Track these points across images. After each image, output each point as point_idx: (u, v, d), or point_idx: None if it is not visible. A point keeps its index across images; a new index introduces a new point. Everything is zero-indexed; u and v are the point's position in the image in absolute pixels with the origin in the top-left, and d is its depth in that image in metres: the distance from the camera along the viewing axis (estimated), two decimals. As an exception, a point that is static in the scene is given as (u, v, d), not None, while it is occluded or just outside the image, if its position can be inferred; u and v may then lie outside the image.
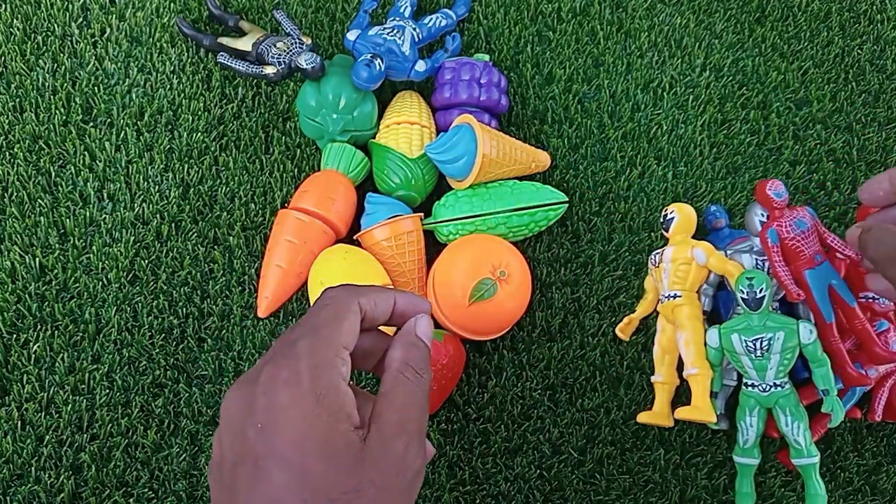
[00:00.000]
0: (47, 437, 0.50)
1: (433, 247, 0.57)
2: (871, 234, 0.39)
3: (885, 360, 0.53)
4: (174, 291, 0.55)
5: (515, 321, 0.55)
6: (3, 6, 0.61)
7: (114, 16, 0.62)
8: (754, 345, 0.50)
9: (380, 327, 0.32)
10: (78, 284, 0.54)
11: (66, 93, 0.59)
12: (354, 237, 0.56)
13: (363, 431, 0.26)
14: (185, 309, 0.54)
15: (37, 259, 0.54)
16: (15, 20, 0.60)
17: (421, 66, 0.58)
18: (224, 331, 0.54)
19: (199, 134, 0.59)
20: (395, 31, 0.58)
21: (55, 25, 0.61)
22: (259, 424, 0.25)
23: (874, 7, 0.70)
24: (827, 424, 0.53)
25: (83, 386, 0.52)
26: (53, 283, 0.54)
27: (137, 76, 0.60)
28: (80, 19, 0.62)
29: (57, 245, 0.55)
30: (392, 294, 0.31)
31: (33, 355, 0.52)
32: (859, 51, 0.68)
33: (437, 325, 0.55)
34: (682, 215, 0.55)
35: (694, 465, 0.55)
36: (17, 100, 0.58)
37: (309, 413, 0.25)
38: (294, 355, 0.26)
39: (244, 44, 0.59)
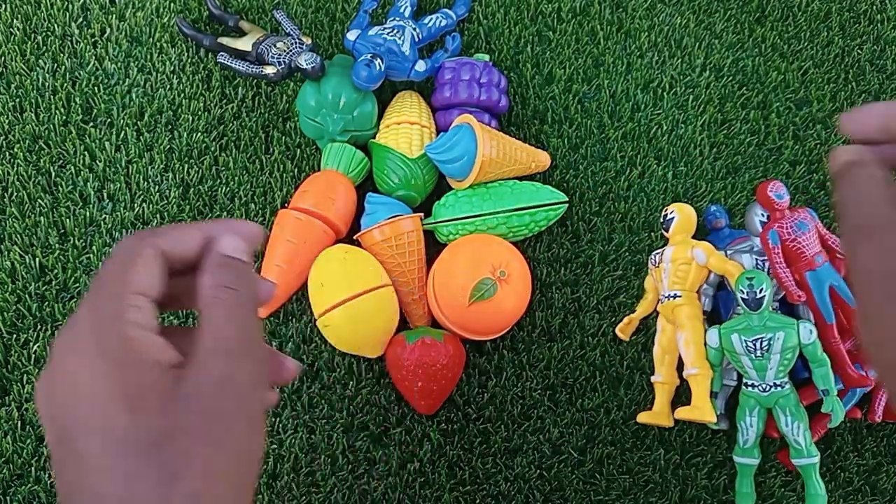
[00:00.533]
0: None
1: (433, 247, 0.57)
2: (849, 176, 0.30)
3: (885, 361, 0.53)
4: (174, 291, 0.55)
5: (515, 321, 0.55)
6: (3, 6, 0.61)
7: (114, 16, 0.62)
8: (754, 345, 0.50)
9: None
10: (78, 284, 0.54)
11: (66, 93, 0.59)
12: (354, 237, 0.56)
13: (176, 362, 0.25)
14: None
15: (37, 259, 0.54)
16: (15, 20, 0.60)
17: (421, 66, 0.58)
18: (224, 331, 0.54)
19: (199, 134, 0.59)
20: (395, 31, 0.58)
21: (55, 25, 0.61)
22: (61, 402, 0.24)
23: (874, 7, 0.70)
24: (827, 425, 0.53)
25: (83, 386, 0.52)
26: (53, 283, 0.54)
27: (137, 76, 0.60)
28: (80, 19, 0.62)
29: (57, 245, 0.55)
30: (197, 226, 0.29)
31: (33, 355, 0.52)
32: (859, 51, 0.68)
33: (437, 325, 0.56)
34: (682, 215, 0.55)
35: (694, 465, 0.55)
36: (17, 100, 0.58)
37: (100, 372, 0.24)
38: (74, 321, 0.25)
39: (244, 44, 0.58)
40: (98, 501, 0.23)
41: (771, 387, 0.51)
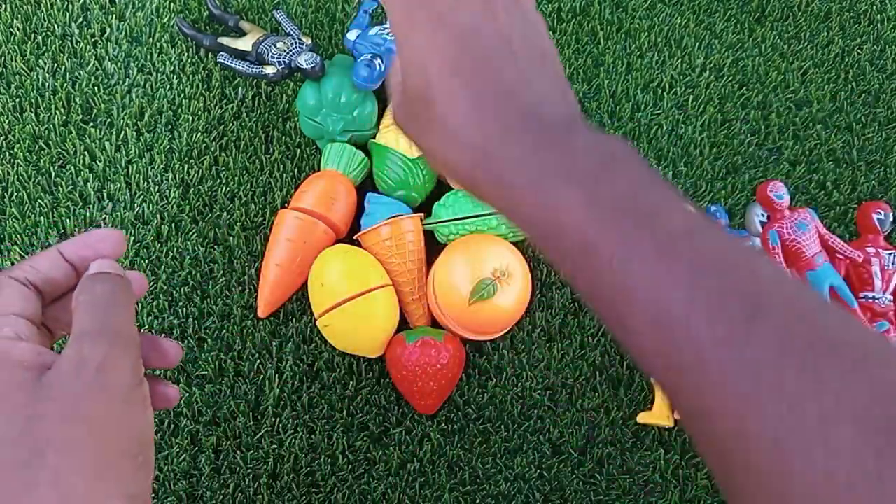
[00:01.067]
0: (47, 437, 0.50)
1: (433, 247, 0.57)
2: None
3: (885, 361, 0.53)
4: (174, 291, 0.55)
5: (515, 321, 0.55)
6: (3, 6, 0.61)
7: (114, 16, 0.62)
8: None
9: None
10: (78, 284, 0.54)
11: (66, 93, 0.59)
12: (354, 237, 0.56)
13: (41, 364, 0.26)
14: (185, 309, 0.54)
15: (37, 259, 0.54)
16: (15, 20, 0.60)
17: None
18: (224, 331, 0.54)
19: (199, 134, 0.59)
20: None
21: (55, 25, 0.61)
22: None
23: (874, 7, 0.70)
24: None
25: (83, 386, 0.52)
26: (53, 283, 0.54)
27: (137, 76, 0.60)
28: (80, 19, 0.62)
29: (57, 245, 0.55)
30: (54, 249, 0.30)
31: (33, 355, 0.52)
32: (859, 51, 0.68)
33: (437, 325, 0.56)
34: (682, 215, 0.55)
35: (694, 465, 0.55)
36: (17, 100, 0.58)
37: None
38: None
39: (244, 44, 0.58)
40: None
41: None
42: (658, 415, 0.53)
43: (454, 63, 0.26)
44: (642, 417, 0.53)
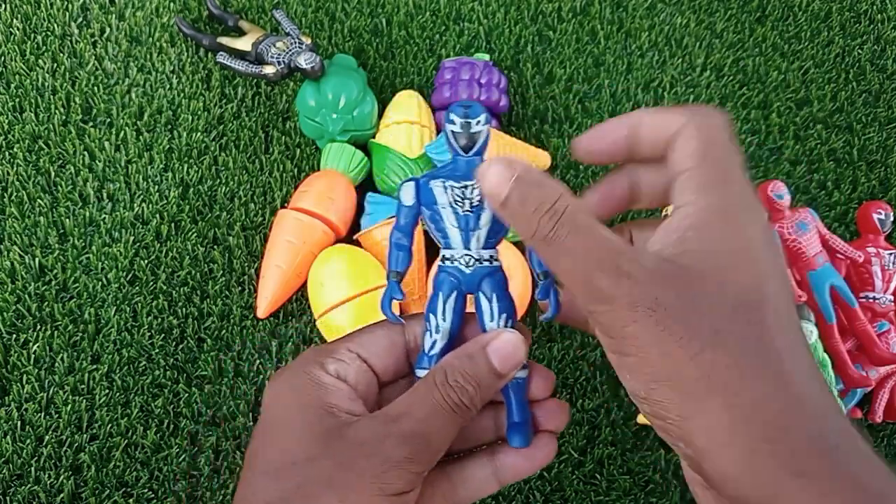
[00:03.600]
0: (47, 437, 0.50)
1: (433, 247, 0.57)
2: (520, 188, 0.24)
3: (886, 362, 0.53)
4: (174, 291, 0.55)
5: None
6: (3, 6, 0.61)
7: (113, 15, 0.62)
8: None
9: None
10: (77, 284, 0.54)
11: (66, 92, 0.59)
12: (354, 237, 0.56)
13: (350, 416, 0.26)
14: (184, 309, 0.54)
15: (36, 259, 0.54)
16: (15, 20, 0.60)
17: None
18: (224, 331, 0.54)
19: (199, 134, 0.59)
20: None
21: (55, 25, 0.61)
22: (266, 415, 0.27)
23: (874, 7, 0.70)
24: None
25: (83, 386, 0.51)
26: (53, 283, 0.54)
27: (137, 76, 0.60)
28: (80, 19, 0.61)
29: (56, 245, 0.55)
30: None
31: (33, 355, 0.52)
32: (860, 51, 0.68)
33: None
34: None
35: (694, 465, 0.55)
36: (17, 100, 0.58)
37: (278, 401, 0.27)
38: (295, 361, 0.28)
39: (244, 43, 0.58)
40: None
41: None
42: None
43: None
44: (643, 418, 0.53)
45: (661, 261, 0.23)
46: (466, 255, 0.28)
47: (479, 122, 0.28)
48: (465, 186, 0.27)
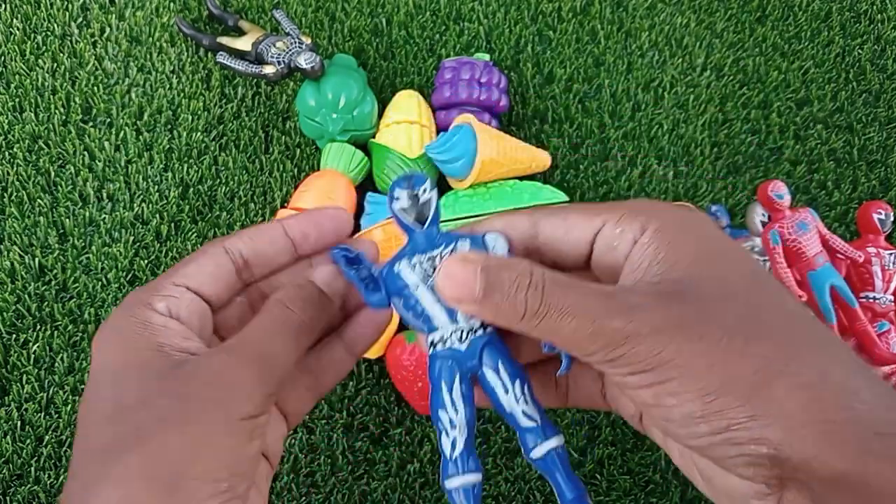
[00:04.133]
0: (47, 437, 0.50)
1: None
2: (490, 278, 0.23)
3: (886, 362, 0.53)
4: (174, 291, 0.54)
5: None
6: (3, 6, 0.61)
7: (113, 15, 0.62)
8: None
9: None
10: (77, 284, 0.54)
11: (66, 92, 0.59)
12: (354, 237, 0.56)
13: (186, 353, 0.25)
14: (184, 309, 0.54)
15: (36, 259, 0.54)
16: (15, 20, 0.60)
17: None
18: (224, 331, 0.54)
19: (199, 133, 0.59)
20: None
21: (55, 25, 0.61)
22: (95, 360, 0.26)
23: (875, 7, 0.70)
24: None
25: (83, 386, 0.51)
26: (53, 283, 0.54)
27: (137, 76, 0.60)
28: (80, 19, 0.61)
29: (56, 245, 0.55)
30: (277, 224, 0.28)
31: (33, 355, 0.52)
32: (860, 50, 0.68)
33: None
34: (682, 215, 0.55)
35: (694, 465, 0.55)
36: (17, 100, 0.58)
37: (103, 346, 0.26)
38: (120, 305, 0.27)
39: (244, 43, 0.58)
40: (72, 468, 0.24)
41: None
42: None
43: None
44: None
45: (656, 286, 0.22)
46: (457, 329, 0.26)
47: (424, 189, 0.27)
48: (433, 257, 0.26)
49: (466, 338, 0.25)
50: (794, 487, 0.21)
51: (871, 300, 0.56)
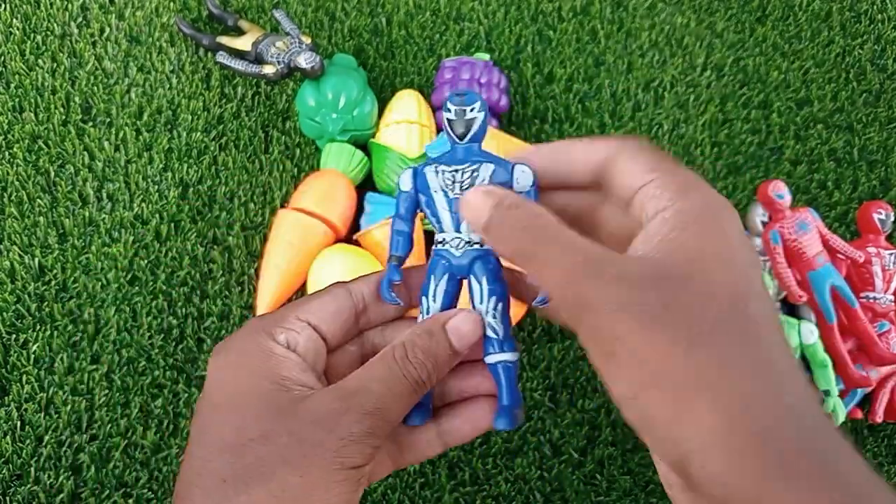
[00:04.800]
0: (46, 437, 0.50)
1: (433, 247, 0.57)
2: (499, 212, 0.25)
3: (887, 362, 0.53)
4: (173, 291, 0.54)
5: (516, 321, 0.55)
6: (3, 6, 0.61)
7: (113, 15, 0.62)
8: (755, 345, 0.50)
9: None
10: (77, 284, 0.54)
11: (66, 92, 0.59)
12: (354, 237, 0.56)
13: (305, 389, 0.26)
14: (184, 309, 0.54)
15: (36, 259, 0.54)
16: (14, 20, 0.60)
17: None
18: (223, 331, 0.54)
19: (199, 133, 0.59)
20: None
21: (55, 25, 0.61)
22: (208, 390, 0.26)
23: (875, 7, 0.70)
24: (828, 425, 0.52)
25: (82, 386, 0.51)
26: (52, 283, 0.54)
27: (137, 76, 0.60)
28: (80, 19, 0.61)
29: (56, 245, 0.55)
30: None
31: (33, 355, 0.52)
32: (860, 50, 0.68)
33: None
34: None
35: (694, 465, 0.55)
36: (17, 99, 0.58)
37: (227, 375, 0.26)
38: (241, 330, 0.28)
39: (243, 43, 0.58)
40: (184, 490, 0.24)
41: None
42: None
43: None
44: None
45: (646, 265, 0.23)
46: (457, 238, 0.28)
47: (473, 108, 0.28)
48: (456, 171, 0.28)
49: (462, 248, 0.28)
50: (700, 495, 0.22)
51: (872, 300, 0.56)
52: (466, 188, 0.27)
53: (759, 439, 0.21)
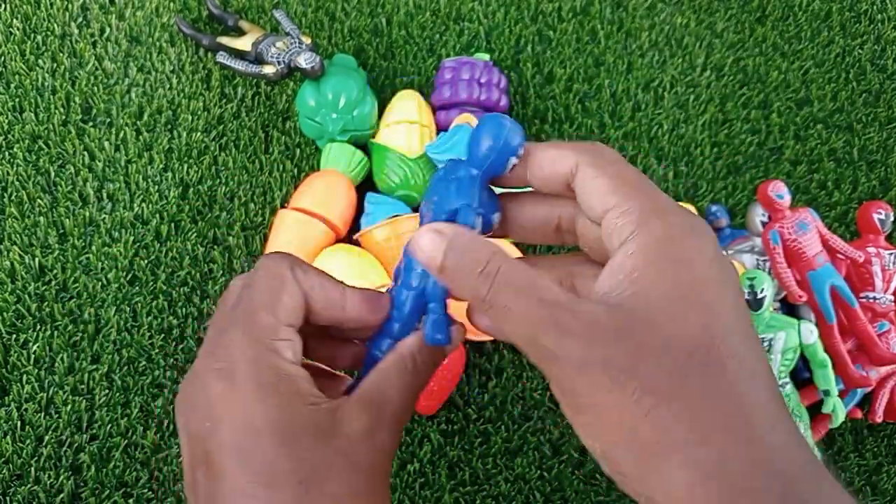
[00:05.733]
0: (47, 437, 0.50)
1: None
2: (452, 254, 0.24)
3: (886, 362, 0.53)
4: (173, 291, 0.54)
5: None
6: (3, 6, 0.61)
7: (113, 15, 0.62)
8: (755, 345, 0.50)
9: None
10: (77, 284, 0.54)
11: (66, 92, 0.59)
12: (354, 237, 0.56)
13: (328, 403, 0.25)
14: (184, 309, 0.54)
15: (36, 259, 0.54)
16: (15, 20, 0.60)
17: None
18: (224, 331, 0.54)
19: (199, 133, 0.59)
20: None
21: (55, 25, 0.61)
22: (204, 424, 0.25)
23: (875, 7, 0.70)
24: (828, 425, 0.53)
25: (82, 386, 0.51)
26: (53, 283, 0.54)
27: (137, 76, 0.60)
28: (80, 19, 0.61)
29: (56, 245, 0.55)
30: (341, 289, 0.28)
31: (33, 355, 0.52)
32: (860, 50, 0.68)
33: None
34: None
35: (694, 465, 0.55)
36: (17, 100, 0.58)
37: (255, 403, 0.24)
38: (225, 346, 0.26)
39: (243, 43, 0.58)
40: None
41: (772, 387, 0.50)
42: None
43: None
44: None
45: (607, 310, 0.22)
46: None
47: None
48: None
49: None
50: None
51: (871, 300, 0.56)
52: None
53: (735, 498, 0.20)
